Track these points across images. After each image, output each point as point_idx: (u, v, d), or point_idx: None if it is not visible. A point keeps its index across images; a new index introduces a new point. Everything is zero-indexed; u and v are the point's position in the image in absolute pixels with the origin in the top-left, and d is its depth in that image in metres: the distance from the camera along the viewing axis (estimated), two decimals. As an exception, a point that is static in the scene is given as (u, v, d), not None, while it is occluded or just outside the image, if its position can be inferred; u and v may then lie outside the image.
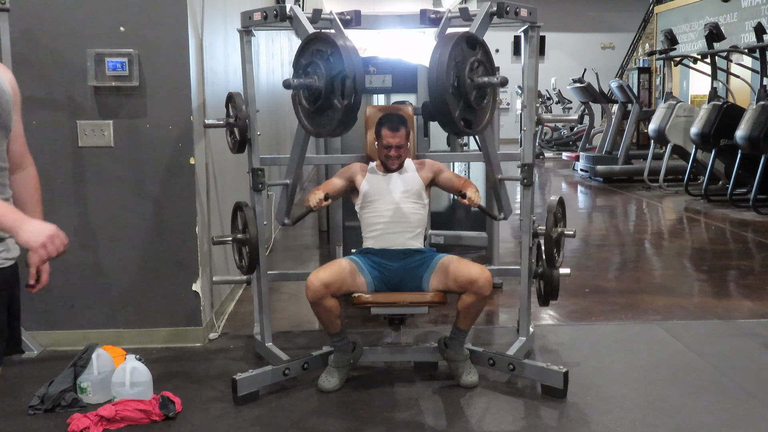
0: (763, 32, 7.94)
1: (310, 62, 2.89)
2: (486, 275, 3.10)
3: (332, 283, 3.08)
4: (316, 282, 3.06)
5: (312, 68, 2.87)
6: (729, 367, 3.46)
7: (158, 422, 2.92)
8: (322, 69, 2.83)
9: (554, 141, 15.92)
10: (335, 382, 3.21)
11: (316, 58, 2.86)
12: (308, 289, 3.07)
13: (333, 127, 2.89)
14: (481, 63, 2.91)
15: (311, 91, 2.89)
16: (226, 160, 4.32)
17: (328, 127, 2.92)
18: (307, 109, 2.98)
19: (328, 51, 2.83)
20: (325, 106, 2.87)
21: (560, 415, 2.98)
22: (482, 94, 2.93)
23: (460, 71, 2.82)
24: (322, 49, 2.86)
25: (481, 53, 2.94)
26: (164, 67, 3.60)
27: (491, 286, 3.11)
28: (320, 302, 3.08)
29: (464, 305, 3.15)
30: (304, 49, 2.93)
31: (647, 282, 5.22)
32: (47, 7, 3.52)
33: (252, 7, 3.49)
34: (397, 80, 4.42)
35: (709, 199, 8.61)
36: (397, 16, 3.69)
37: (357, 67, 2.77)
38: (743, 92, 10.45)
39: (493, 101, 3.08)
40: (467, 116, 2.91)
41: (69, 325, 3.76)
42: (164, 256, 3.75)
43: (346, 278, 3.14)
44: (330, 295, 3.08)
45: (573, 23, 19.12)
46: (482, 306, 3.17)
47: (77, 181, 3.66)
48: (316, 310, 3.13)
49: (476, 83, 2.86)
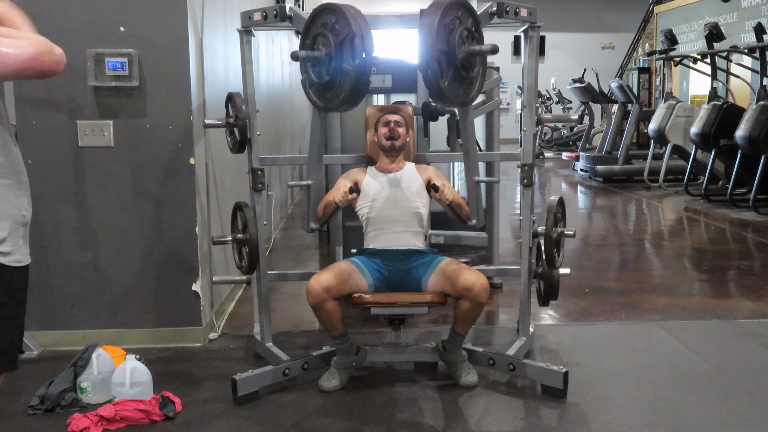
0: (763, 32, 7.94)
1: (317, 34, 2.87)
2: (482, 282, 3.07)
3: (333, 286, 3.07)
4: (317, 286, 3.05)
5: (319, 40, 2.86)
6: (729, 367, 3.46)
7: (158, 422, 2.92)
8: (329, 39, 2.80)
9: (554, 141, 15.94)
10: (336, 382, 3.21)
11: (324, 29, 2.84)
12: (309, 293, 3.06)
13: (344, 97, 2.82)
14: (470, 32, 2.85)
15: (319, 63, 2.87)
16: (226, 160, 4.32)
17: (337, 99, 2.86)
18: (316, 83, 2.93)
19: (334, 20, 2.80)
20: (334, 76, 2.83)
21: (560, 415, 2.98)
22: (472, 62, 2.89)
23: (450, 38, 2.74)
24: (328, 21, 2.84)
25: (471, 21, 2.87)
26: (164, 67, 3.60)
27: (487, 294, 3.09)
28: (322, 306, 3.07)
29: (461, 311, 3.14)
30: (311, 22, 2.91)
31: (647, 282, 5.22)
32: (47, 7, 3.52)
33: (252, 7, 3.49)
34: (397, 80, 4.41)
35: (709, 199, 8.61)
36: (397, 16, 3.68)
37: (364, 27, 2.74)
38: (743, 92, 10.46)
39: (483, 72, 3.01)
40: (456, 85, 2.83)
41: (69, 325, 3.76)
42: (164, 256, 3.75)
43: (346, 281, 3.13)
44: (331, 299, 3.07)
45: (573, 23, 19.14)
46: (478, 312, 3.15)
47: (77, 181, 3.66)
48: (318, 314, 3.12)
49: (466, 51, 2.79)
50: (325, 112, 3.21)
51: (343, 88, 2.82)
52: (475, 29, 2.87)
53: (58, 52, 1.93)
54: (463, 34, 2.78)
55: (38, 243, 3.62)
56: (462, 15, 2.81)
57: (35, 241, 3.54)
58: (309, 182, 3.45)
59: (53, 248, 3.71)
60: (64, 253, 3.70)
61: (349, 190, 3.17)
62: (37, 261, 3.61)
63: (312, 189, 3.45)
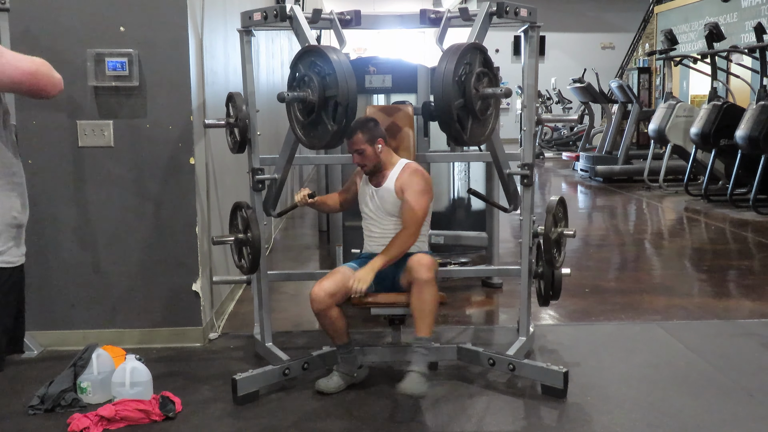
0: (763, 32, 7.94)
1: (304, 75, 2.89)
2: (419, 258, 2.98)
3: (336, 292, 3.06)
4: (321, 293, 3.04)
5: (306, 81, 2.87)
6: (729, 367, 3.46)
7: (158, 422, 2.92)
8: (316, 83, 2.83)
9: (554, 141, 15.93)
10: (333, 385, 3.19)
11: (311, 71, 2.86)
12: (313, 300, 3.05)
13: (326, 141, 2.93)
14: (485, 74, 2.90)
15: (305, 104, 2.90)
16: (226, 160, 4.32)
17: (320, 141, 2.95)
18: (301, 121, 2.99)
19: (323, 67, 2.82)
20: (317, 121, 2.90)
21: (560, 415, 2.98)
22: (486, 105, 2.94)
23: (466, 83, 2.81)
24: (317, 63, 2.85)
25: (485, 63, 2.94)
26: (164, 67, 3.60)
27: (428, 269, 2.94)
28: (325, 313, 3.07)
29: (412, 303, 2.99)
30: (299, 61, 2.93)
31: (647, 282, 5.22)
32: (47, 7, 3.52)
33: (252, 7, 3.49)
34: (397, 80, 4.42)
35: (709, 199, 8.61)
36: (397, 16, 3.69)
37: (351, 93, 2.77)
38: (743, 92, 10.46)
39: (496, 112, 3.06)
40: (476, 129, 2.92)
41: (69, 325, 3.76)
42: (164, 256, 3.75)
43: (347, 284, 3.10)
44: (335, 305, 3.07)
45: (573, 23, 19.12)
46: (426, 298, 2.93)
47: (77, 181, 3.66)
48: (322, 321, 3.12)
49: (481, 94, 2.86)
50: (311, 149, 3.24)
51: (326, 135, 2.90)
52: (488, 68, 2.93)
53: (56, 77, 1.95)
54: (477, 79, 2.84)
55: (38, 243, 3.62)
56: (471, 59, 2.85)
57: (35, 242, 3.55)
58: (275, 176, 3.50)
59: (53, 248, 3.71)
60: (64, 253, 3.70)
61: (309, 194, 3.31)
62: (37, 261, 3.62)
63: (277, 181, 3.49)
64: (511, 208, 3.69)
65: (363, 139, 3.19)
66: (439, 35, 3.30)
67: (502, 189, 3.62)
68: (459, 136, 2.85)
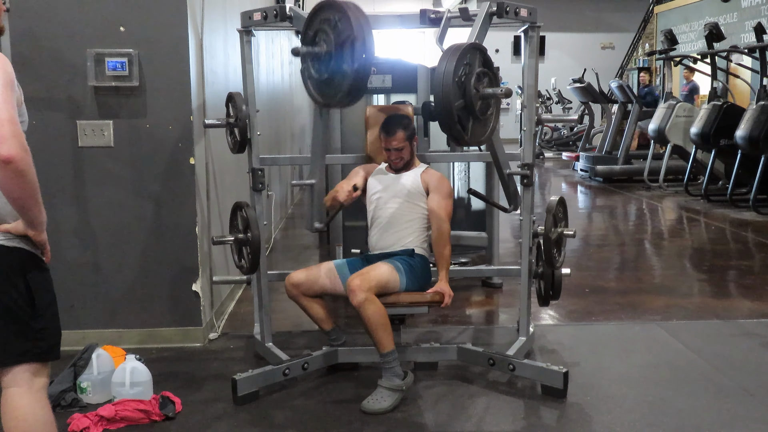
0: (763, 32, 7.94)
1: (318, 30, 2.85)
2: (348, 282, 3.01)
3: (301, 283, 3.24)
4: (287, 282, 3.28)
5: (320, 36, 2.85)
6: (729, 367, 3.46)
7: (158, 422, 2.92)
8: (330, 36, 2.78)
9: (554, 141, 15.92)
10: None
11: (324, 25, 2.82)
12: (285, 288, 3.30)
13: (342, 95, 2.81)
14: (485, 74, 2.89)
15: (320, 59, 2.86)
16: (226, 160, 4.32)
17: (336, 96, 2.84)
18: (315, 78, 2.91)
19: (336, 17, 2.78)
20: (333, 74, 2.81)
21: (560, 415, 2.98)
22: (487, 105, 2.93)
23: (466, 83, 2.80)
24: (330, 18, 2.82)
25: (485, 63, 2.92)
26: (164, 67, 3.60)
27: (359, 292, 2.96)
28: (297, 301, 3.29)
29: None
30: (313, 18, 2.91)
31: (647, 282, 5.22)
32: (47, 7, 3.52)
33: (252, 7, 3.49)
34: (396, 80, 4.41)
35: (709, 199, 8.61)
36: (397, 16, 3.68)
37: (366, 28, 2.72)
38: (743, 92, 10.46)
39: (496, 112, 3.06)
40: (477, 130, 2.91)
41: (69, 325, 3.72)
42: (164, 256, 3.75)
43: (318, 280, 3.25)
44: (302, 295, 3.25)
45: (573, 23, 19.12)
46: (369, 317, 2.97)
47: (77, 181, 3.66)
48: (301, 308, 3.33)
49: (481, 94, 2.85)
50: (325, 107, 3.22)
51: (342, 87, 2.82)
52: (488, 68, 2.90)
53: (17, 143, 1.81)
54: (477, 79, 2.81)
55: (38, 243, 3.62)
56: (471, 59, 2.84)
57: (35, 241, 3.55)
58: (312, 181, 3.45)
59: (53, 248, 3.66)
60: (64, 253, 3.69)
61: (353, 187, 3.25)
62: (37, 261, 3.61)
63: (315, 188, 3.45)
64: (511, 208, 3.70)
65: (404, 137, 3.34)
66: (439, 35, 3.30)
67: (502, 189, 3.63)
68: (460, 136, 2.84)
